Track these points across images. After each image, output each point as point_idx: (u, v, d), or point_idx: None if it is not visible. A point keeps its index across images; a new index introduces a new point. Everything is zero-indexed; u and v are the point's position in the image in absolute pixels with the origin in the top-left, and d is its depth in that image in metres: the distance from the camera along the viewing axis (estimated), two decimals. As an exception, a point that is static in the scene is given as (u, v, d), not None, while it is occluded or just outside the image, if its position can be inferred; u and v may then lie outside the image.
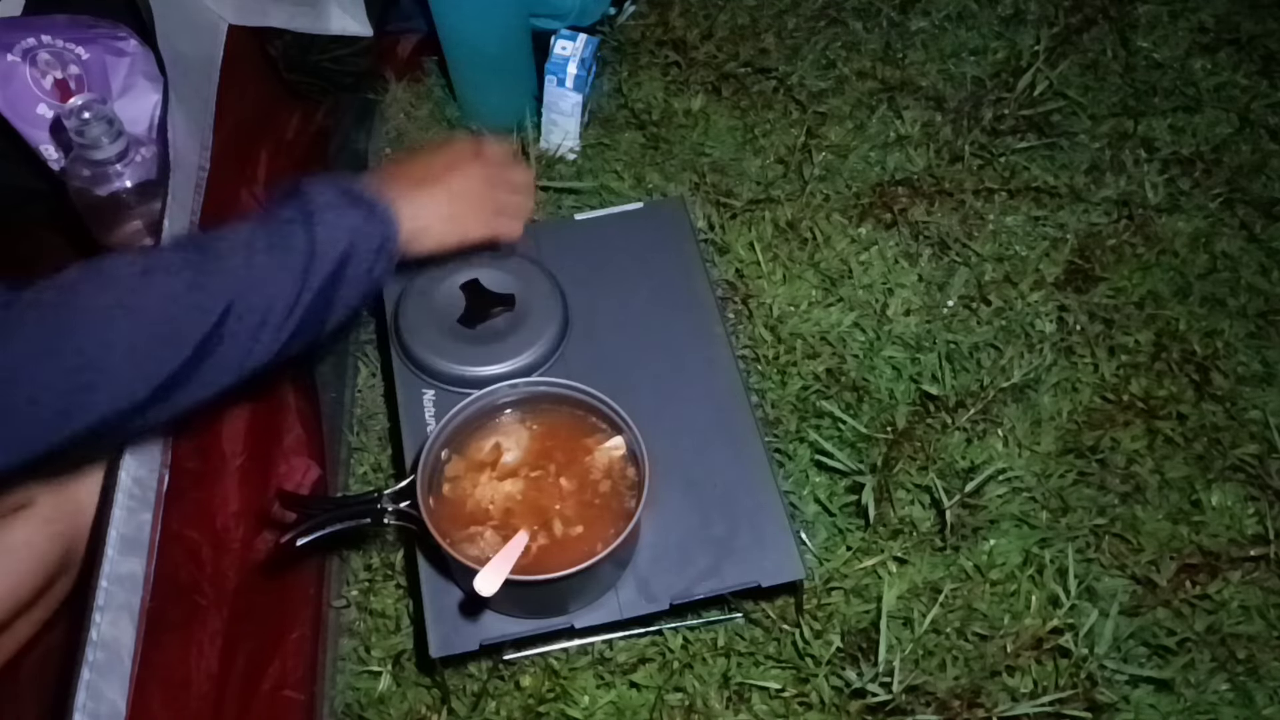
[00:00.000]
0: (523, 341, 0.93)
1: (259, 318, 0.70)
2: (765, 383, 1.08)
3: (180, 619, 0.83)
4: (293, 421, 1.01)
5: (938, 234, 1.18)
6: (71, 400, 0.64)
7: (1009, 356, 1.07)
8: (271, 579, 0.92)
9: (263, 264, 0.71)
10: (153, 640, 0.77)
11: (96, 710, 0.69)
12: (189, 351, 0.67)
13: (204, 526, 0.89)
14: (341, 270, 0.74)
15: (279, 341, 0.72)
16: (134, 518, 0.79)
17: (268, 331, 0.71)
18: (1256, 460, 1.00)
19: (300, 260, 0.72)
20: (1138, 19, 1.41)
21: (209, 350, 0.68)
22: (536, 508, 0.80)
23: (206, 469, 0.92)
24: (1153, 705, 0.87)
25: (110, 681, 0.72)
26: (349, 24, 1.31)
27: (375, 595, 0.97)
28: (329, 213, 0.74)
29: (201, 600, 0.86)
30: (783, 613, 0.92)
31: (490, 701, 0.89)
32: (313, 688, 0.90)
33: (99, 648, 0.71)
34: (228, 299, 0.68)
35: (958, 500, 0.96)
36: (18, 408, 0.63)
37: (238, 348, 0.70)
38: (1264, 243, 1.19)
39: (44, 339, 0.63)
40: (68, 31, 1.05)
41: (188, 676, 0.82)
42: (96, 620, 0.72)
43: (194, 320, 0.68)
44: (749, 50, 1.37)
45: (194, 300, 0.68)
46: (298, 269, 0.72)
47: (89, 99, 0.95)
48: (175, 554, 0.83)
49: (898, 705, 0.85)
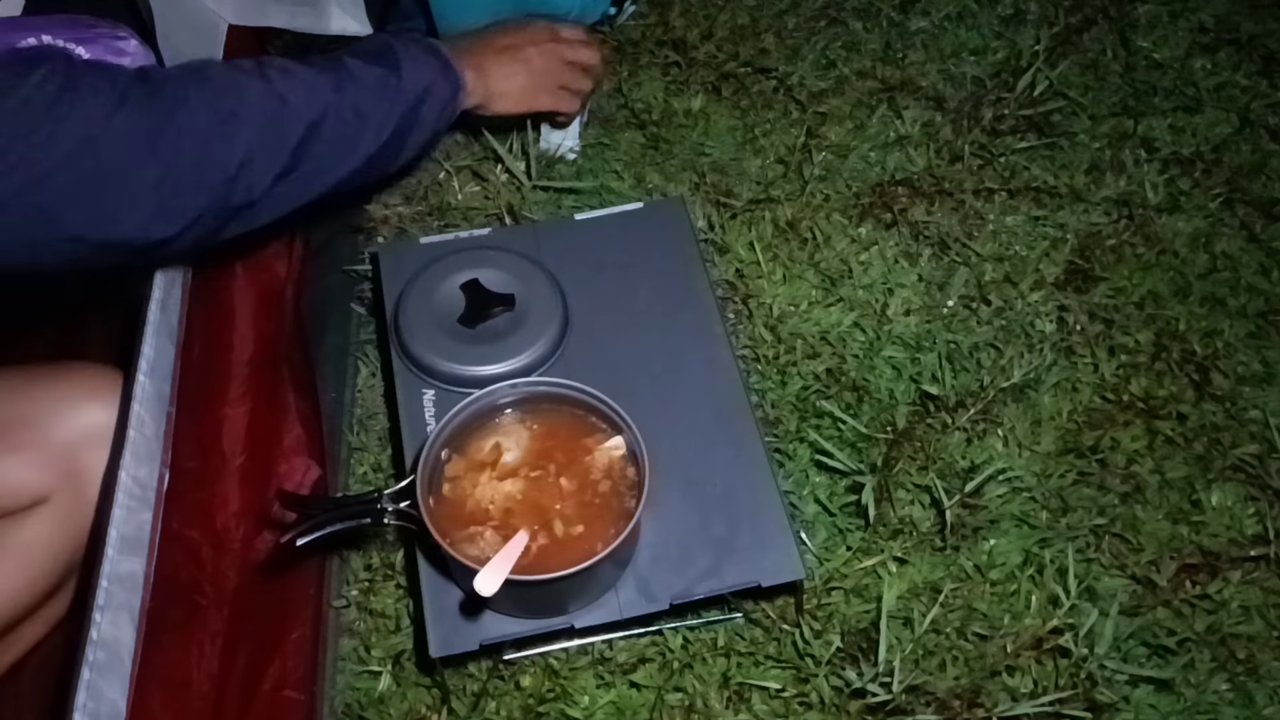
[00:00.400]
0: (523, 341, 0.93)
1: (351, 132, 0.83)
2: (765, 383, 1.08)
3: (180, 619, 0.83)
4: (293, 421, 1.01)
5: (938, 234, 1.18)
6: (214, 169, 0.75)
7: (1009, 356, 1.07)
8: (271, 579, 0.92)
9: (359, 86, 0.83)
10: (153, 640, 0.77)
11: (96, 710, 0.69)
12: (295, 141, 0.79)
13: (204, 526, 0.89)
14: (418, 108, 0.87)
15: (361, 159, 0.84)
16: (134, 517, 0.79)
17: (359, 147, 0.84)
18: (1256, 460, 1.00)
19: (389, 90, 0.85)
20: (1138, 19, 1.41)
21: (309, 148, 0.80)
22: (536, 508, 0.80)
23: (206, 469, 0.92)
24: (1153, 705, 0.87)
25: (110, 681, 0.72)
26: (349, 24, 1.31)
27: (375, 595, 0.97)
28: (412, 58, 0.88)
29: (202, 600, 0.86)
30: (783, 613, 0.92)
31: (490, 701, 0.90)
32: (313, 688, 0.90)
33: (99, 647, 0.71)
34: (320, 112, 0.80)
35: (958, 500, 0.96)
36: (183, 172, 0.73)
37: (331, 156, 0.82)
38: (1264, 243, 1.19)
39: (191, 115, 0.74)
40: (68, 31, 1.05)
41: (188, 676, 0.82)
42: (96, 620, 0.72)
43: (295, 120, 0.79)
44: (749, 50, 1.37)
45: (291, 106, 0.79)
46: (386, 97, 0.85)
47: (89, 99, 0.95)
48: (175, 554, 0.83)
49: (898, 705, 0.85)
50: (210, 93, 0.75)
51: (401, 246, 1.07)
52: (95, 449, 0.89)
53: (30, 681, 0.96)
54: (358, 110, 0.82)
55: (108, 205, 0.70)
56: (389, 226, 1.22)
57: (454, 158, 1.24)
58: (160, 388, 0.86)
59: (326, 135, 0.80)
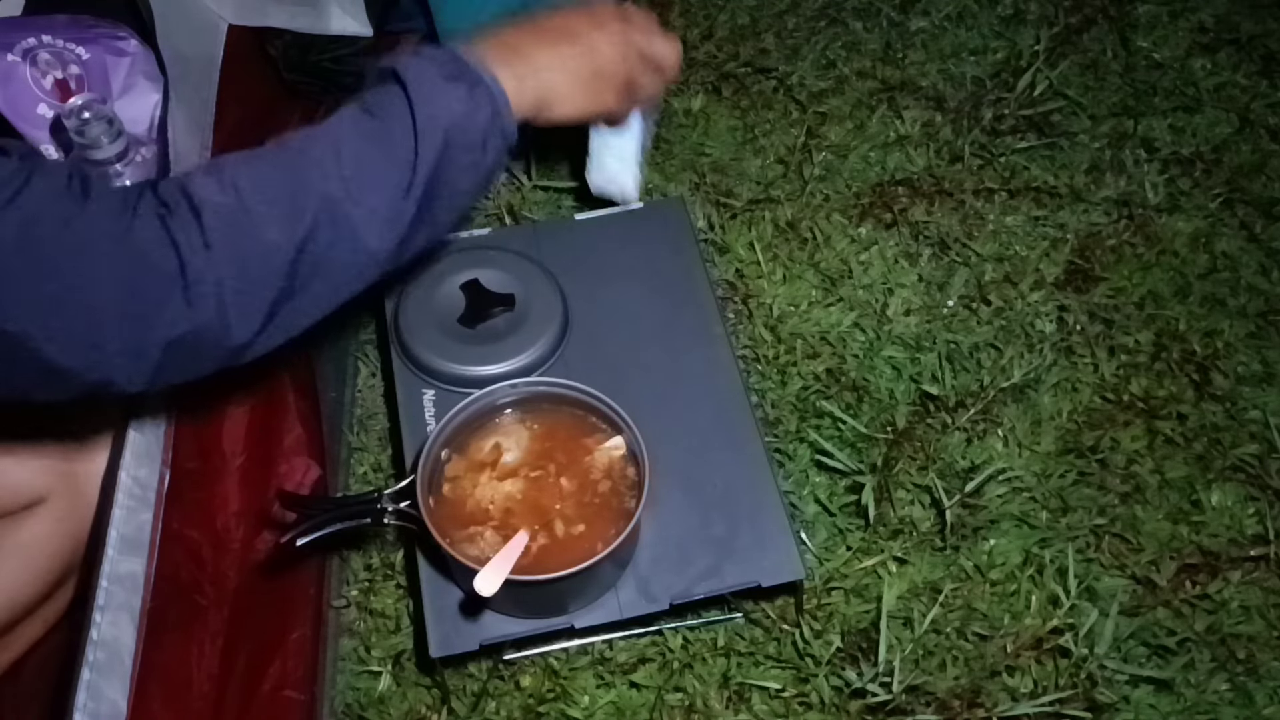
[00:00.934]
0: (523, 341, 0.93)
1: (363, 213, 0.64)
2: (765, 383, 1.08)
3: (181, 619, 0.82)
4: (293, 421, 1.01)
5: (938, 234, 1.18)
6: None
7: (1009, 356, 1.07)
8: (272, 579, 0.92)
9: (359, 157, 0.64)
10: (153, 640, 0.77)
11: (97, 710, 0.69)
12: (290, 255, 0.62)
13: (204, 526, 0.89)
14: (441, 159, 0.66)
15: (395, 237, 0.66)
16: (134, 518, 0.79)
17: (378, 231, 0.65)
18: (1256, 460, 1.00)
19: (404, 148, 0.65)
20: (1138, 19, 1.41)
21: (309, 253, 0.63)
22: (536, 508, 0.80)
23: (206, 469, 0.92)
24: (1153, 705, 0.87)
25: (111, 681, 0.72)
26: (349, 24, 1.31)
27: (375, 595, 0.97)
28: (428, 86, 0.66)
29: (202, 600, 0.86)
30: (783, 613, 0.92)
31: (490, 701, 0.90)
32: (313, 688, 0.90)
33: (99, 647, 0.71)
34: (319, 198, 0.63)
35: (958, 500, 0.96)
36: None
37: (342, 248, 0.64)
38: (1264, 243, 1.19)
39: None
40: (68, 31, 1.05)
41: (188, 676, 0.82)
42: (97, 620, 0.72)
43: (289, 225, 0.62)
44: (749, 50, 1.37)
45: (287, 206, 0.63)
46: (402, 159, 0.65)
47: (89, 99, 0.95)
48: (175, 554, 0.83)
49: (898, 705, 0.85)
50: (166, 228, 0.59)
51: (401, 246, 1.07)
52: (94, 449, 0.89)
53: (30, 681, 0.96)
54: (361, 195, 0.64)
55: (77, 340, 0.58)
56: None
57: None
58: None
59: (321, 245, 0.63)
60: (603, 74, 0.77)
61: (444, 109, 0.66)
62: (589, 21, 0.77)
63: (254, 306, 0.62)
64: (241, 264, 0.61)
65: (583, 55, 0.76)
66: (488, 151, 0.69)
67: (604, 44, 0.77)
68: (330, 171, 0.64)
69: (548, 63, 0.73)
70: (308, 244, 0.63)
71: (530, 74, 0.72)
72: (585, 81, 0.76)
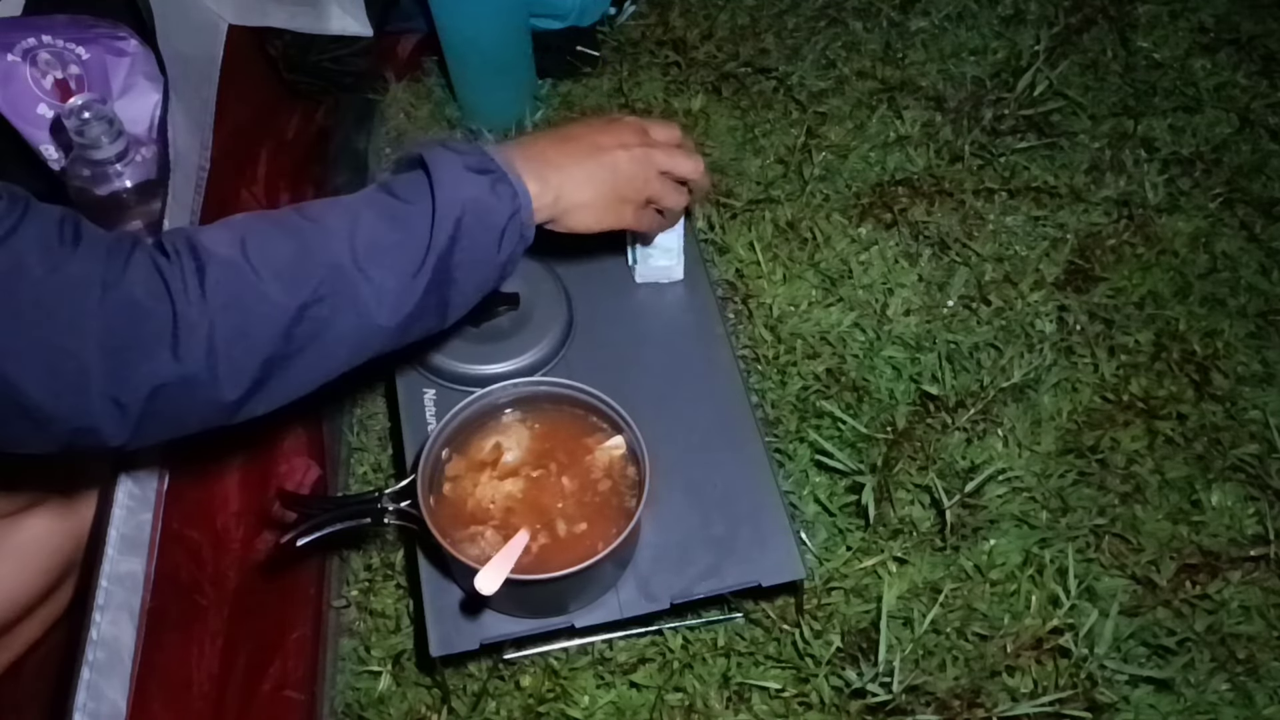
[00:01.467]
0: (527, 341, 0.93)
1: (371, 287, 0.64)
2: (765, 383, 1.08)
3: (181, 619, 0.83)
4: (293, 422, 1.01)
5: (938, 234, 1.18)
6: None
7: (1009, 356, 1.07)
8: (272, 579, 0.92)
9: (373, 232, 0.65)
10: (153, 640, 0.77)
11: (97, 710, 0.69)
12: (290, 317, 0.62)
13: (204, 526, 0.89)
14: (456, 242, 0.66)
15: (399, 315, 0.66)
16: (134, 517, 0.79)
17: (383, 306, 0.65)
18: (1256, 460, 1.00)
19: (415, 229, 0.66)
20: (1138, 19, 1.41)
21: (309, 318, 0.63)
22: (537, 507, 0.80)
23: (206, 469, 0.92)
24: (1153, 705, 0.87)
25: (111, 681, 0.72)
26: (349, 24, 1.31)
27: (375, 595, 0.97)
28: (452, 174, 0.67)
29: (202, 600, 0.86)
30: (783, 613, 0.92)
31: (490, 701, 0.90)
32: (313, 688, 0.90)
33: (99, 647, 0.71)
34: (328, 266, 0.63)
35: (958, 500, 0.96)
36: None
37: (344, 318, 0.64)
38: (1264, 243, 1.19)
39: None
40: (68, 31, 1.05)
41: (188, 676, 0.82)
42: (97, 620, 0.72)
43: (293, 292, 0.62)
44: (749, 50, 1.37)
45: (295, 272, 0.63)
46: (416, 238, 0.66)
47: (89, 99, 0.95)
48: (175, 554, 0.83)
49: (898, 705, 0.85)
50: (162, 278, 0.59)
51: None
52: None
53: (30, 681, 0.96)
54: (370, 270, 0.64)
55: (60, 390, 0.57)
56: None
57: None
58: (160, 387, 0.86)
59: (323, 311, 0.63)
60: (622, 192, 0.78)
61: (464, 196, 0.67)
62: (614, 138, 0.78)
63: (246, 363, 0.62)
64: (239, 318, 0.61)
65: (604, 170, 0.76)
66: (503, 247, 0.69)
67: (626, 162, 0.77)
68: (343, 241, 0.64)
69: (571, 174, 0.74)
70: (309, 308, 0.62)
71: (554, 182, 0.73)
72: (605, 196, 0.77)
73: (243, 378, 0.62)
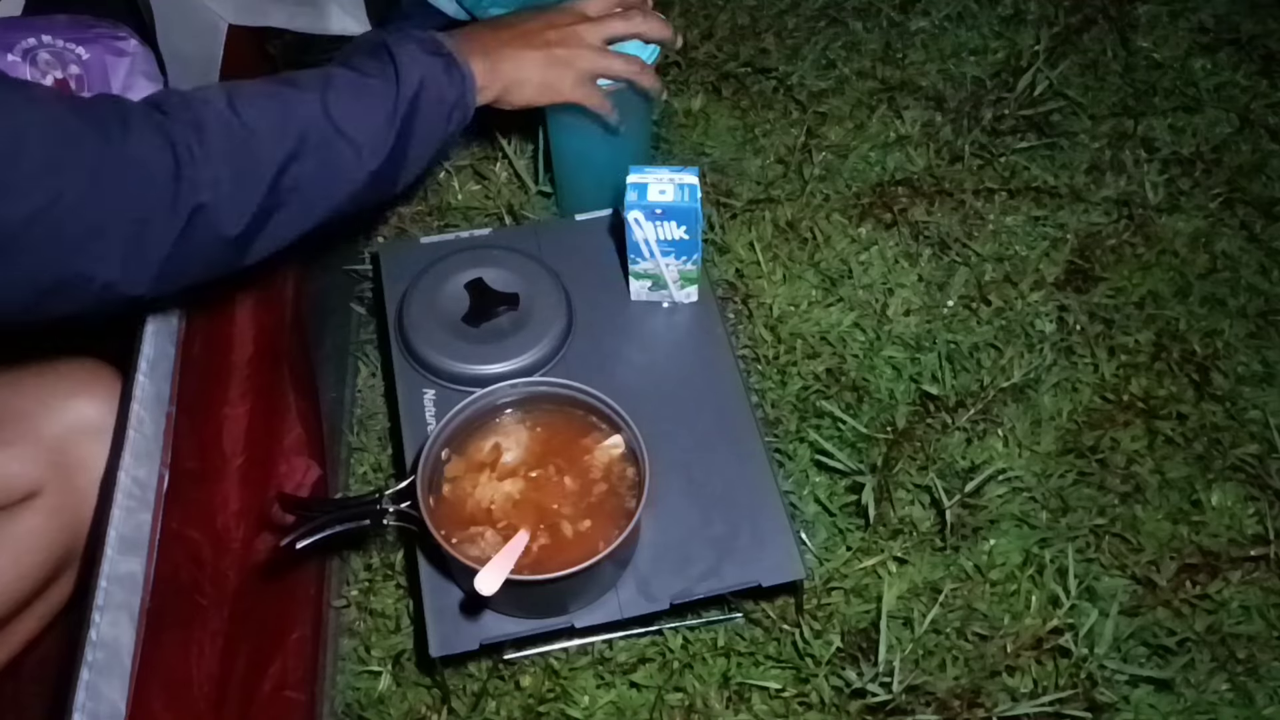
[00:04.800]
0: (526, 341, 0.93)
1: (345, 141, 0.73)
2: (765, 383, 1.08)
3: (180, 619, 0.82)
4: (293, 421, 1.01)
5: (938, 234, 1.18)
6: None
7: (1009, 356, 1.07)
8: (272, 579, 0.92)
9: (345, 95, 0.74)
10: (153, 640, 0.76)
11: (96, 710, 0.69)
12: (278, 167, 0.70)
13: (204, 526, 0.89)
14: (416, 111, 0.77)
15: (357, 180, 0.75)
16: (134, 518, 0.79)
17: (351, 167, 0.74)
18: (1256, 460, 1.00)
19: (381, 97, 0.75)
20: (1138, 19, 1.41)
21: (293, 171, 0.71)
22: (537, 507, 0.80)
23: (206, 469, 0.92)
24: (1153, 705, 0.87)
25: (110, 681, 0.72)
26: (349, 24, 1.31)
27: (375, 595, 0.97)
28: (408, 55, 0.77)
29: (202, 600, 0.86)
30: (783, 613, 0.92)
31: (490, 701, 0.90)
32: (313, 688, 0.90)
33: (99, 647, 0.71)
34: (307, 121, 0.72)
35: (958, 500, 0.96)
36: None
37: (325, 169, 0.73)
38: (1264, 243, 1.19)
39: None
40: (68, 31, 1.05)
41: (188, 676, 0.82)
42: (96, 620, 0.72)
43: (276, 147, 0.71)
44: (749, 50, 1.37)
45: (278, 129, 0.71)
46: (378, 106, 0.75)
47: (89, 99, 0.95)
48: (175, 554, 0.83)
49: (898, 705, 0.85)
50: (163, 132, 0.66)
51: (402, 246, 1.07)
52: (86, 442, 0.89)
53: (30, 681, 0.96)
54: (343, 127, 0.73)
55: (80, 247, 0.63)
56: (388, 226, 1.22)
57: (454, 157, 1.25)
58: (160, 387, 0.86)
59: (308, 164, 0.71)
60: (555, 68, 0.88)
61: (422, 73, 0.77)
62: (543, 21, 0.89)
63: (244, 208, 0.69)
64: (234, 169, 0.68)
65: (535, 50, 0.87)
66: (450, 122, 0.80)
67: (555, 38, 0.88)
68: (318, 102, 0.73)
69: (506, 55, 0.85)
70: (293, 161, 0.71)
71: (493, 63, 0.84)
72: (539, 79, 0.87)
73: (243, 219, 0.69)
